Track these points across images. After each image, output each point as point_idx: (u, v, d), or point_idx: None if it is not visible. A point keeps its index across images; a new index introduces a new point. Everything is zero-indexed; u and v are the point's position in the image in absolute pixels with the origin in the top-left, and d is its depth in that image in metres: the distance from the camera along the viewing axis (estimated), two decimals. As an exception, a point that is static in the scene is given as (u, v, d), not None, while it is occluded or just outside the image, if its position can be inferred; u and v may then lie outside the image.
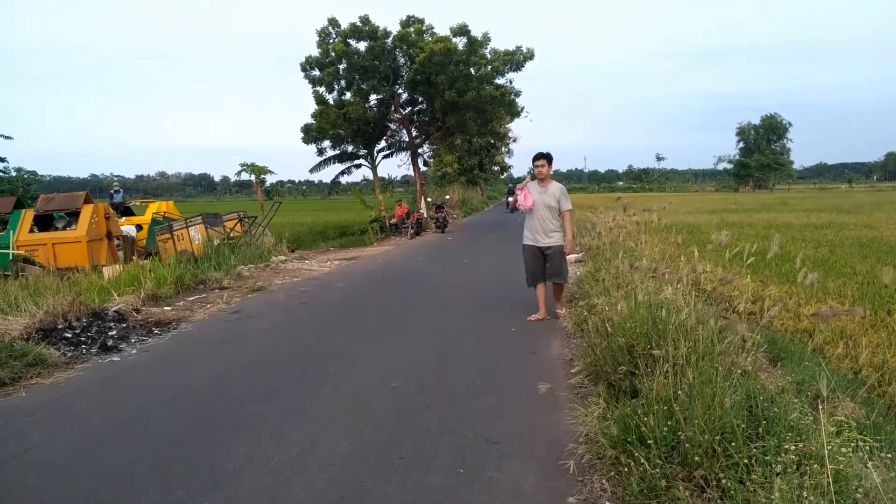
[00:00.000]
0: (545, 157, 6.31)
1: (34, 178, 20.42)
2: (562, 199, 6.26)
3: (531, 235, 6.39)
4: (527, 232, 6.46)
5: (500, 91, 22.19)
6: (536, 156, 6.33)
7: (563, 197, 6.28)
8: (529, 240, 6.41)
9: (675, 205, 22.68)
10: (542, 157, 6.31)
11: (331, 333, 6.33)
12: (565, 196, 6.31)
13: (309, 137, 23.08)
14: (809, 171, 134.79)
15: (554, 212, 6.28)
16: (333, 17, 21.88)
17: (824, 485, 2.20)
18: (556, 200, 6.26)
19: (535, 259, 6.37)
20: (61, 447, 3.51)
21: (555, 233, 6.30)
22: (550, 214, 6.29)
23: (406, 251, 15.65)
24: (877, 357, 4.86)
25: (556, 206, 6.26)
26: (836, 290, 7.29)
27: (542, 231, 6.30)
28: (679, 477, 2.63)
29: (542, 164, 6.28)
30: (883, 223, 16.89)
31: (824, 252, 10.92)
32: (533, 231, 6.37)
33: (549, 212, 6.28)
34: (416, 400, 4.16)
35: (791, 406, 2.88)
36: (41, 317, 5.99)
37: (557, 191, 6.29)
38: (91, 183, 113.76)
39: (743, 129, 78.91)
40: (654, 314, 4.05)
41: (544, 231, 6.30)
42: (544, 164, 6.28)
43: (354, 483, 2.97)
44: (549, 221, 6.29)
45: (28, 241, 11.59)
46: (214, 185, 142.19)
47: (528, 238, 6.44)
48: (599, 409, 3.53)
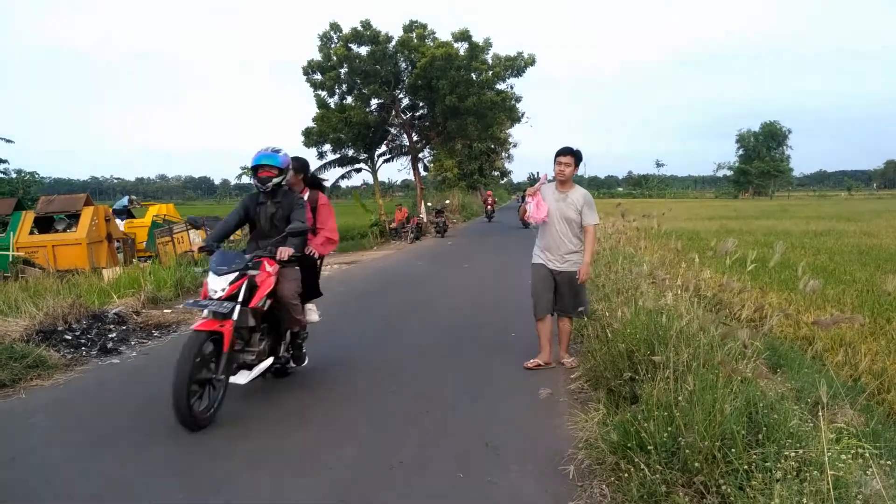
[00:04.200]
0: (573, 153, 4.80)
1: (34, 180, 20.40)
2: (585, 209, 4.79)
3: (542, 253, 4.96)
4: (537, 248, 5.03)
5: (501, 96, 22.28)
6: (561, 150, 4.82)
7: (587, 207, 4.80)
8: (539, 258, 4.97)
9: (675, 211, 22.69)
10: (569, 152, 4.80)
11: (329, 337, 6.32)
12: (591, 206, 4.83)
13: (310, 141, 23.15)
14: (809, 178, 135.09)
15: (574, 226, 4.81)
16: (335, 21, 22.01)
17: (824, 491, 2.21)
18: (576, 211, 4.78)
19: (544, 283, 4.90)
20: (61, 449, 3.51)
21: (573, 254, 4.84)
22: (569, 229, 4.81)
23: (406, 256, 15.66)
24: (876, 364, 4.87)
25: (576, 218, 4.79)
26: (836, 298, 7.29)
27: (556, 250, 4.84)
28: (679, 483, 2.63)
29: (567, 162, 4.77)
30: (882, 231, 16.92)
31: (824, 259, 10.94)
32: (545, 249, 4.92)
33: (568, 226, 4.80)
34: (415, 405, 4.16)
35: (791, 413, 2.89)
36: (41, 319, 5.98)
37: (581, 198, 4.81)
38: (91, 185, 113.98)
39: (743, 136, 79.04)
40: (654, 320, 4.06)
41: (560, 251, 4.82)
42: (570, 163, 4.77)
43: (354, 487, 2.98)
44: (566, 239, 4.80)
45: (28, 243, 11.60)
46: (215, 188, 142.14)
47: (538, 256, 5.00)
48: (599, 415, 3.53)
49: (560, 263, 4.84)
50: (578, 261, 4.82)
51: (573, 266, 4.82)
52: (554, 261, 4.86)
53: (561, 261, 4.84)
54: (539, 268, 4.95)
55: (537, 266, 4.98)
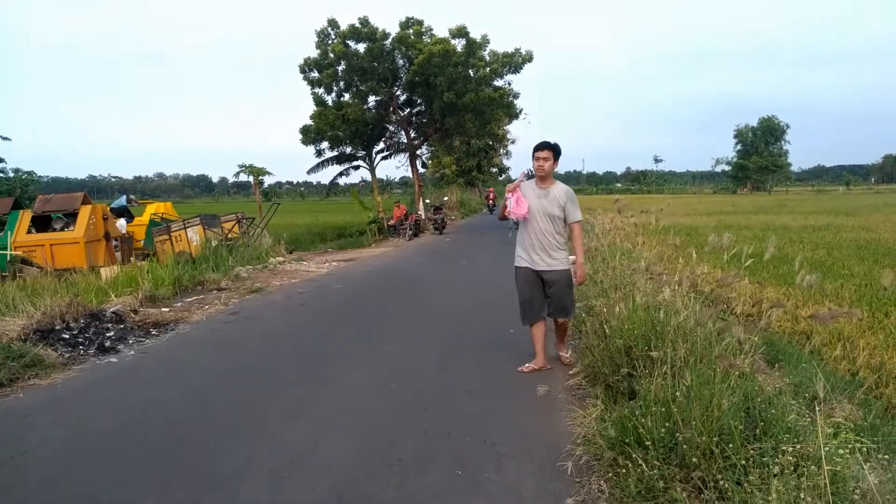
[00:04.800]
0: (550, 147, 4.62)
1: (32, 179, 20.40)
2: (568, 205, 4.62)
3: (525, 255, 4.71)
4: (519, 249, 4.77)
5: (499, 93, 22.23)
6: (539, 145, 4.64)
7: (570, 203, 4.63)
8: (524, 260, 4.72)
9: (673, 207, 22.73)
10: (547, 147, 4.62)
11: (329, 335, 6.32)
12: (573, 202, 4.66)
13: (307, 139, 23.10)
14: (807, 173, 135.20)
15: (557, 223, 4.63)
16: (333, 18, 21.93)
17: (821, 486, 2.21)
18: (559, 207, 4.60)
19: (531, 286, 4.70)
20: (59, 448, 3.51)
21: (559, 251, 4.64)
22: (552, 226, 4.62)
23: (404, 252, 15.65)
24: (874, 359, 4.88)
25: (559, 214, 4.61)
26: (834, 292, 7.30)
27: (541, 248, 4.63)
28: (677, 478, 2.64)
29: (545, 157, 4.59)
30: (881, 225, 16.94)
31: (822, 254, 10.94)
32: (527, 248, 4.69)
33: (551, 222, 4.62)
34: (414, 402, 4.16)
35: (788, 408, 2.89)
36: (39, 318, 5.98)
37: (563, 194, 4.63)
38: (89, 184, 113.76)
39: (741, 132, 79.02)
40: (652, 316, 4.06)
41: (543, 248, 4.63)
42: (548, 157, 4.59)
43: (353, 485, 2.98)
44: (549, 236, 4.62)
45: (26, 242, 11.59)
46: (212, 186, 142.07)
47: (521, 258, 4.75)
48: (597, 411, 3.54)
49: (547, 260, 4.63)
50: (566, 258, 4.67)
51: (562, 265, 4.64)
52: (540, 261, 4.64)
53: (547, 259, 4.63)
54: (524, 272, 4.72)
55: (522, 270, 4.74)
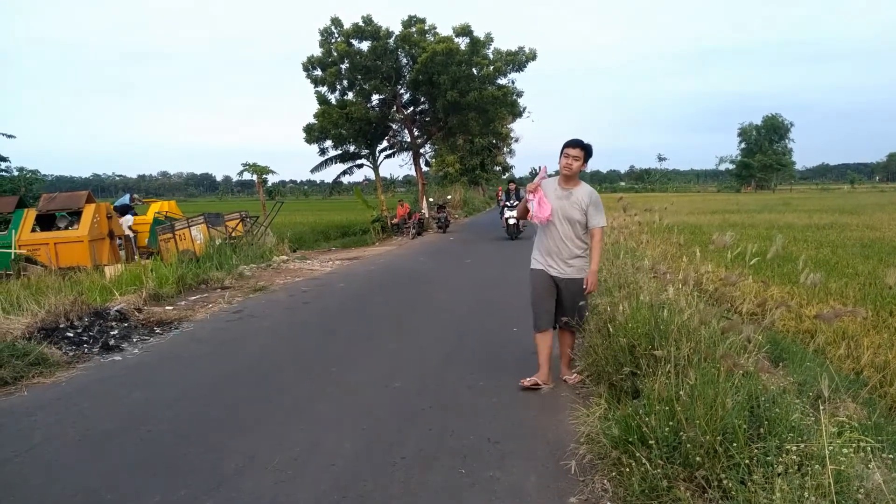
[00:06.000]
0: (583, 147, 4.21)
1: (36, 178, 20.43)
2: (591, 209, 4.21)
3: (541, 258, 4.37)
4: (536, 252, 4.44)
5: (503, 91, 22.20)
6: (570, 142, 4.22)
7: (592, 207, 4.21)
8: (540, 263, 4.38)
9: (677, 205, 22.68)
10: (579, 145, 4.20)
11: (333, 333, 6.33)
12: (597, 206, 4.24)
13: (311, 137, 23.10)
14: (811, 171, 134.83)
15: (578, 228, 4.24)
16: (336, 16, 21.93)
17: (825, 485, 2.20)
18: (581, 211, 4.21)
19: (545, 290, 4.34)
20: (63, 446, 3.52)
21: (578, 259, 4.27)
22: (573, 231, 4.24)
23: (408, 251, 15.66)
24: (879, 358, 4.86)
25: (580, 218, 4.21)
26: (838, 291, 7.28)
27: (559, 255, 4.26)
28: (680, 477, 2.63)
29: (576, 155, 4.17)
30: (885, 224, 16.87)
31: (826, 253, 10.91)
32: (545, 253, 4.33)
33: (572, 227, 4.23)
34: (417, 400, 4.16)
35: (793, 407, 2.88)
36: (43, 316, 6.00)
37: (586, 197, 4.22)
38: (93, 182, 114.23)
39: (745, 130, 78.88)
40: (656, 314, 4.05)
41: (561, 256, 4.26)
42: (579, 157, 4.18)
43: (356, 483, 2.98)
44: (569, 242, 4.24)
45: (30, 241, 11.62)
46: (216, 184, 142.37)
47: (536, 260, 4.42)
48: (601, 410, 3.54)
49: (564, 268, 4.27)
50: (584, 266, 4.27)
51: (578, 273, 4.26)
52: (556, 266, 4.29)
53: (564, 266, 4.27)
54: (539, 274, 4.37)
55: (537, 272, 4.39)
